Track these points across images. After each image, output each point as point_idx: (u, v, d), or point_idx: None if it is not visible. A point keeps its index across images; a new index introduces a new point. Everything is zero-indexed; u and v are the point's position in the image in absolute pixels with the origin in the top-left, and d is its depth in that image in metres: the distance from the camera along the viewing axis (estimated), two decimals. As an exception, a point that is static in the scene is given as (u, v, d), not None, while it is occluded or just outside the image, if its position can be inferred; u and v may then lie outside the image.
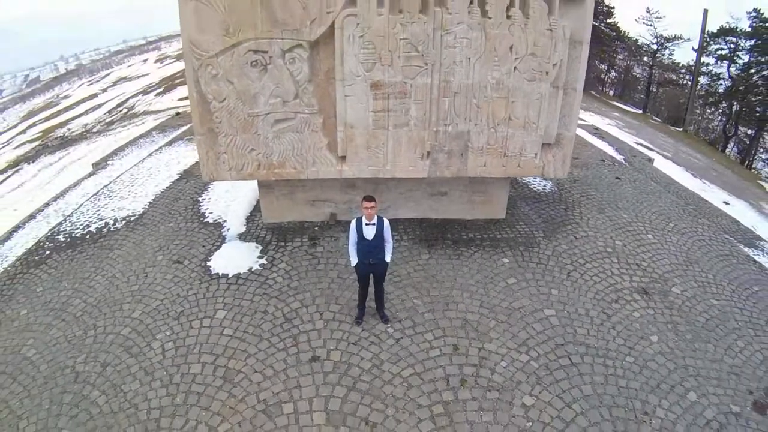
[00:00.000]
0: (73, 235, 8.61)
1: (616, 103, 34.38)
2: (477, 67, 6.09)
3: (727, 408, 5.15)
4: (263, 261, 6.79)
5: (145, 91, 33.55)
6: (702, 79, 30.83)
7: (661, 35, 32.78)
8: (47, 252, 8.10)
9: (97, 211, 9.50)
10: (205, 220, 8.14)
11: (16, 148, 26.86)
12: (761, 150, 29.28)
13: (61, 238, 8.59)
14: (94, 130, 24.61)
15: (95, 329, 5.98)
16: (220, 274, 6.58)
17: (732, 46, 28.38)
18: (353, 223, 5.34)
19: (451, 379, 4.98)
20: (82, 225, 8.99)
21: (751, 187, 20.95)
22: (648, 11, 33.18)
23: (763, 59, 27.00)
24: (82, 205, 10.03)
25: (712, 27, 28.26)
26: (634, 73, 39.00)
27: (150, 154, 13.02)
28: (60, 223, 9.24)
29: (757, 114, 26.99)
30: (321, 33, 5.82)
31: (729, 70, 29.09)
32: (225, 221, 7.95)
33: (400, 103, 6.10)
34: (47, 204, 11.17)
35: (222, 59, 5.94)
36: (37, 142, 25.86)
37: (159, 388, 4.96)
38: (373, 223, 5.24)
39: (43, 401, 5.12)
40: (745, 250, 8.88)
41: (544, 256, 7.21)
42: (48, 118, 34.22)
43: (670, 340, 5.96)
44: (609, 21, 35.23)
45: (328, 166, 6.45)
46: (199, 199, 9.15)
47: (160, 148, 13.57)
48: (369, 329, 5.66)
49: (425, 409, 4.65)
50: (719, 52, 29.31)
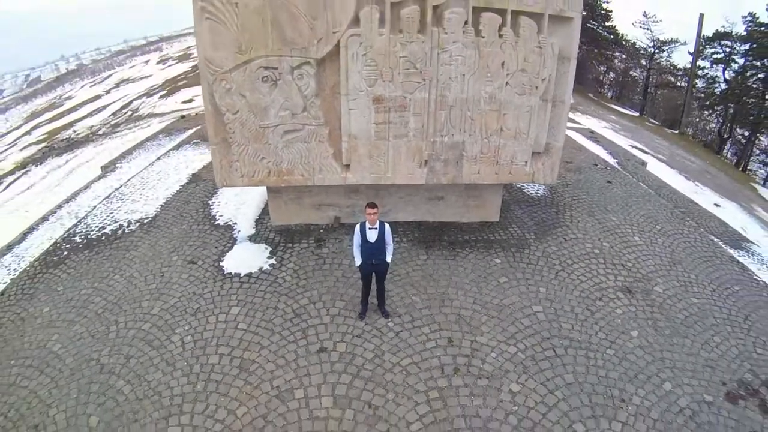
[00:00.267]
0: (89, 236, 9.01)
1: (614, 106, 34.76)
2: (471, 83, 6.59)
3: (701, 397, 5.60)
4: (273, 261, 7.29)
5: (148, 93, 33.87)
6: (699, 82, 31.22)
7: (658, 39, 33.23)
8: (65, 253, 8.50)
9: (111, 213, 9.91)
10: (216, 223, 8.63)
11: (22, 150, 27.12)
12: (758, 152, 29.66)
13: (77, 239, 8.98)
14: (100, 133, 24.94)
15: (117, 325, 6.43)
16: (233, 274, 7.09)
17: (727, 50, 28.71)
18: (357, 227, 5.83)
19: (446, 368, 5.49)
20: (97, 227, 9.40)
21: (743, 190, 21.31)
22: (645, 15, 33.67)
23: (757, 63, 27.34)
24: (95, 207, 10.43)
25: (709, 31, 28.63)
26: (633, 74, 39.36)
27: (158, 158, 13.42)
28: (75, 225, 9.62)
29: (751, 117, 27.40)
30: (327, 51, 6.32)
31: (724, 74, 29.46)
32: (235, 224, 8.43)
33: (400, 115, 6.61)
34: (59, 206, 11.58)
35: (235, 75, 6.43)
36: (43, 144, 26.13)
37: (180, 377, 5.45)
38: (376, 228, 5.74)
39: (71, 391, 5.56)
40: (730, 251, 9.26)
41: (534, 257, 7.69)
42: (52, 120, 34.47)
43: (649, 335, 6.41)
44: (607, 24, 35.71)
45: (334, 174, 6.96)
46: (209, 202, 9.61)
47: (168, 152, 13.95)
48: (371, 323, 6.16)
49: (422, 394, 5.16)
50: (715, 56, 29.66)
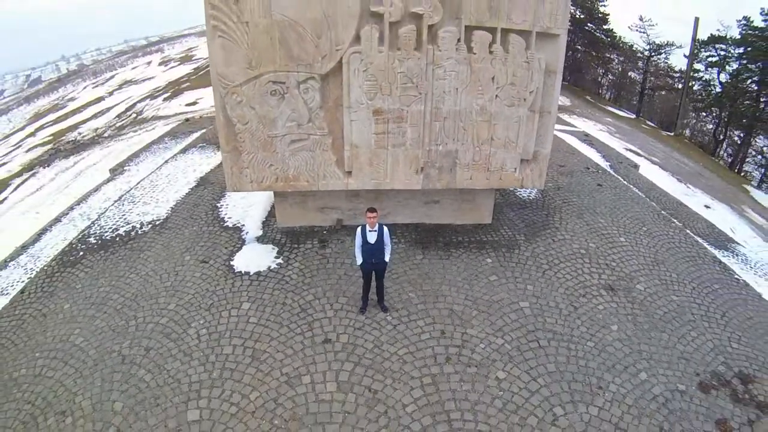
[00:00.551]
0: (103, 237, 9.48)
1: (610, 108, 35.16)
2: (463, 96, 7.12)
3: (674, 386, 6.08)
4: (280, 260, 7.83)
5: (152, 96, 34.31)
6: (695, 85, 31.67)
7: (654, 42, 33.67)
8: (81, 253, 8.98)
9: (123, 215, 10.40)
10: (225, 225, 9.15)
11: (27, 152, 27.54)
12: (754, 152, 30.03)
13: (92, 240, 9.46)
14: (106, 135, 25.37)
15: (136, 319, 6.94)
16: (243, 272, 7.62)
17: (722, 54, 29.11)
18: (359, 229, 6.37)
19: (438, 357, 6.04)
20: (110, 228, 9.88)
21: (736, 192, 21.64)
22: (641, 19, 34.13)
23: (752, 66, 27.74)
24: (107, 209, 10.91)
25: (705, 34, 29.04)
26: (631, 75, 39.71)
27: (166, 161, 13.90)
28: (89, 227, 10.07)
29: (744, 120, 27.84)
30: (331, 67, 6.86)
31: (719, 77, 29.88)
32: (243, 225, 8.96)
33: (398, 126, 7.16)
34: (71, 208, 12.07)
35: (245, 88, 6.96)
36: (49, 146, 26.52)
37: (197, 366, 5.98)
38: (375, 230, 6.28)
39: (95, 380, 6.06)
40: (714, 251, 9.69)
41: (523, 257, 8.21)
42: (56, 121, 34.87)
43: (628, 329, 6.91)
44: (604, 27, 36.22)
45: (337, 180, 7.51)
46: (218, 205, 10.12)
47: (175, 155, 14.43)
48: (371, 317, 6.71)
49: (417, 380, 5.71)
50: (710, 59, 30.08)
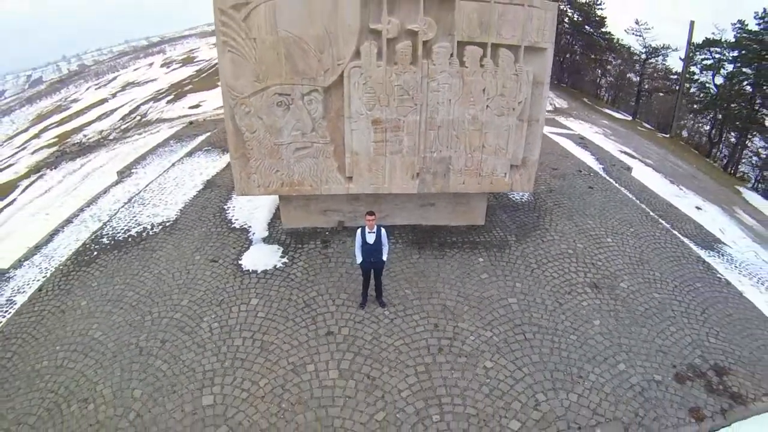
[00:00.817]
0: (116, 238, 9.96)
1: (607, 110, 35.54)
2: (456, 106, 7.64)
3: (651, 377, 6.54)
4: (285, 260, 8.36)
5: (155, 98, 34.75)
6: (692, 88, 32.08)
7: (650, 45, 34.13)
8: (95, 253, 9.46)
9: (134, 217, 10.88)
10: (233, 226, 9.66)
11: (33, 154, 27.95)
12: (750, 154, 30.36)
13: (105, 240, 9.93)
14: (111, 137, 25.82)
15: (151, 314, 7.44)
16: (251, 270, 8.15)
17: (717, 57, 29.47)
18: (358, 231, 6.89)
19: (431, 347, 6.57)
20: (122, 229, 10.36)
21: (728, 193, 21.99)
22: (637, 23, 34.58)
23: (745, 69, 28.09)
24: (118, 211, 11.39)
25: (701, 36, 29.39)
26: (629, 77, 40.07)
27: (173, 165, 14.37)
28: (101, 228, 10.54)
29: (738, 123, 28.26)
30: (332, 80, 7.37)
31: (714, 80, 30.28)
32: (250, 227, 9.48)
33: (395, 135, 7.67)
34: (81, 210, 12.52)
35: (253, 100, 7.48)
36: (55, 148, 26.93)
37: (210, 356, 6.50)
38: (374, 232, 6.80)
39: (115, 370, 6.55)
40: (698, 251, 10.08)
41: (513, 256, 8.72)
42: (60, 123, 35.27)
43: (610, 324, 7.39)
44: (601, 30, 36.64)
45: (338, 184, 8.03)
46: (225, 207, 10.62)
47: (182, 158, 14.89)
48: (370, 312, 7.24)
49: (411, 368, 6.25)
50: (705, 62, 30.47)
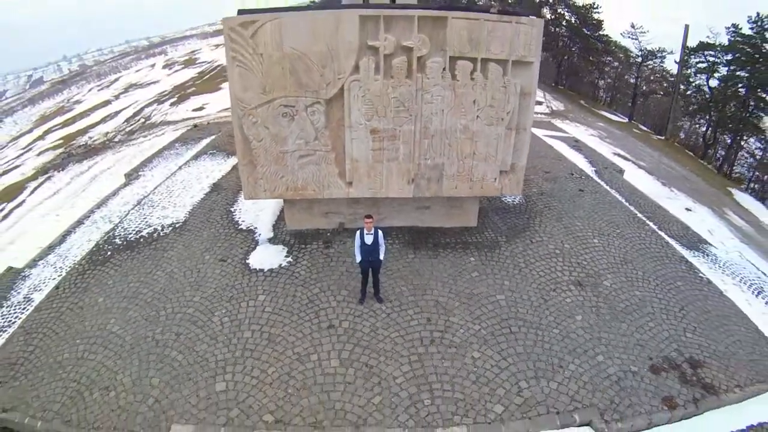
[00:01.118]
0: (128, 238, 10.49)
1: (604, 113, 35.88)
2: (448, 117, 8.21)
3: (627, 368, 7.06)
4: (290, 259, 8.95)
5: (159, 101, 35.23)
6: (688, 90, 32.51)
7: (645, 48, 34.61)
8: (108, 253, 10.00)
9: (144, 218, 11.42)
10: (240, 227, 10.24)
11: (39, 155, 28.42)
12: (746, 155, 30.75)
13: (117, 241, 10.47)
14: (116, 140, 26.30)
15: (165, 310, 8.01)
16: (257, 269, 8.74)
17: (711, 60, 29.85)
18: (357, 232, 7.48)
19: (424, 339, 7.18)
20: (134, 230, 10.91)
21: (719, 194, 22.39)
22: (632, 26, 35.07)
23: (739, 73, 28.48)
24: (129, 213, 11.92)
25: (696, 39, 29.75)
26: (627, 78, 40.43)
27: (180, 168, 14.89)
28: (113, 229, 11.07)
29: (730, 126, 28.71)
30: (334, 93, 7.95)
31: (708, 83, 30.69)
32: (256, 228, 10.06)
33: (392, 143, 8.26)
34: (92, 211, 13.04)
35: (260, 111, 8.05)
36: (60, 150, 27.38)
37: (222, 348, 7.09)
38: (372, 233, 7.39)
39: (133, 361, 7.12)
40: (682, 252, 10.50)
41: (503, 256, 9.28)
42: (64, 125, 35.73)
43: (591, 319, 7.92)
44: (598, 34, 37.12)
45: (339, 189, 8.62)
46: (231, 209, 11.18)
47: (188, 162, 15.39)
48: (369, 307, 7.84)
49: (405, 358, 6.86)
50: (699, 65, 30.89)
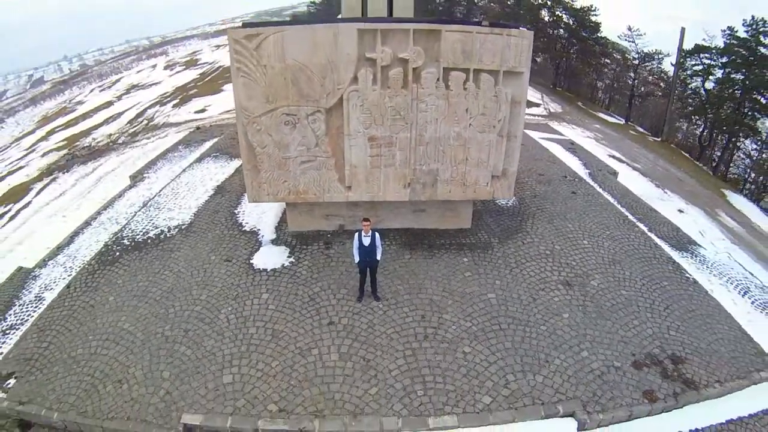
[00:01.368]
0: (136, 239, 10.87)
1: (601, 114, 36.23)
2: (442, 125, 8.64)
3: (610, 363, 7.43)
4: (292, 259, 9.39)
5: (161, 102, 35.60)
6: (685, 92, 32.85)
7: (642, 51, 34.99)
8: (117, 253, 10.37)
9: (151, 220, 11.81)
10: (243, 229, 10.66)
11: (43, 156, 28.74)
12: (742, 156, 31.06)
13: (125, 242, 10.83)
14: (120, 141, 26.67)
15: (174, 308, 8.41)
16: (261, 269, 9.17)
17: (707, 63, 30.17)
18: (356, 234, 7.92)
19: (418, 335, 7.62)
20: (141, 231, 11.29)
21: (713, 196, 22.67)
22: (629, 29, 35.45)
23: (734, 76, 28.81)
24: (135, 214, 12.28)
25: (694, 37, 30.02)
26: (626, 80, 40.72)
27: (184, 170, 15.24)
28: (121, 230, 11.43)
29: (724, 128, 29.08)
30: (333, 102, 8.39)
31: (704, 85, 31.03)
32: (259, 230, 10.49)
33: (389, 150, 8.70)
34: (98, 213, 13.40)
35: (264, 119, 8.48)
36: (64, 151, 27.68)
37: (228, 343, 7.52)
38: (369, 235, 7.82)
39: (144, 356, 7.51)
40: (670, 252, 10.83)
41: (495, 257, 9.70)
42: (67, 126, 36.08)
43: (577, 317, 8.30)
44: (595, 36, 37.51)
45: (339, 193, 9.07)
46: (235, 211, 11.59)
47: (192, 164, 15.74)
48: (366, 304, 8.28)
49: (400, 352, 7.31)
50: (695, 68, 31.24)
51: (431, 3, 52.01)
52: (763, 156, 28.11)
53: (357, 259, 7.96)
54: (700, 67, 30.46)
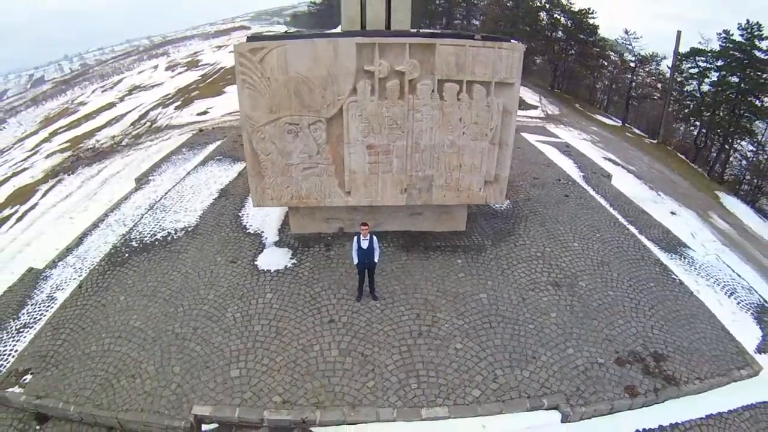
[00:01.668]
0: (144, 241, 11.25)
1: (598, 116, 36.51)
2: (437, 133, 9.09)
3: (594, 360, 7.82)
4: (294, 261, 9.86)
5: (163, 104, 35.91)
6: (682, 94, 33.15)
7: (638, 54, 35.35)
8: (126, 255, 10.74)
9: (158, 222, 12.19)
10: (248, 231, 11.11)
11: (47, 158, 29.05)
12: (739, 157, 31.33)
13: (134, 243, 11.21)
14: (124, 144, 27.01)
15: (183, 307, 8.84)
16: (265, 270, 9.63)
17: (702, 66, 30.44)
18: (355, 237, 8.38)
19: (413, 332, 8.09)
20: (149, 233, 11.67)
21: (706, 198, 22.93)
22: (626, 32, 35.83)
23: (730, 79, 29.11)
24: (142, 217, 12.64)
25: (693, 39, 30.28)
26: (624, 78, 40.96)
27: (188, 173, 15.62)
28: (129, 232, 11.79)
29: (719, 131, 29.42)
30: (334, 113, 8.83)
31: (699, 88, 31.35)
32: (263, 232, 10.95)
33: (386, 157, 9.16)
34: (105, 215, 13.72)
35: (268, 128, 8.93)
36: (68, 153, 27.97)
37: (235, 339, 7.97)
38: (367, 238, 8.28)
39: (156, 352, 7.91)
40: (659, 254, 11.16)
41: (488, 258, 10.14)
42: (69, 127, 36.33)
43: (565, 316, 8.69)
44: (592, 39, 37.88)
45: (339, 198, 9.54)
46: (239, 214, 12.02)
47: (196, 167, 16.10)
48: (365, 304, 8.74)
49: (396, 348, 7.77)
50: (690, 71, 31.57)
51: (431, 3, 52.52)
52: (759, 158, 28.36)
53: (356, 261, 8.40)
54: (696, 70, 30.85)
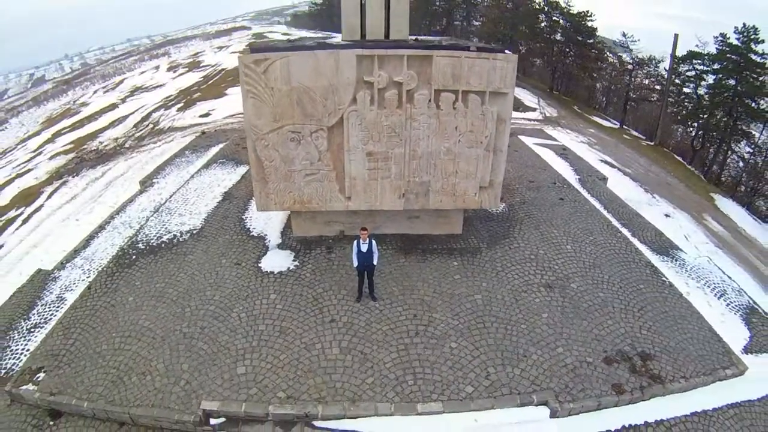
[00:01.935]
0: (150, 243, 11.57)
1: (596, 119, 36.74)
2: (434, 141, 9.46)
3: (583, 358, 8.14)
4: (296, 263, 10.24)
5: (165, 105, 36.16)
6: (679, 96, 33.42)
7: (636, 56, 35.64)
8: (133, 257, 11.05)
9: (164, 225, 12.50)
10: (251, 234, 11.48)
11: (51, 159, 29.32)
12: (736, 158, 31.58)
13: (141, 246, 11.51)
14: (127, 145, 27.33)
15: (190, 307, 9.18)
16: (269, 272, 10.00)
17: (699, 69, 30.69)
18: (354, 241, 8.76)
19: (410, 331, 8.46)
20: (155, 236, 11.97)
21: (701, 200, 23.09)
22: (624, 35, 36.11)
23: (726, 81, 29.40)
24: (148, 219, 12.94)
25: (692, 39, 30.50)
26: (622, 79, 41.14)
27: (192, 176, 15.88)
28: (135, 234, 12.09)
29: (714, 134, 29.74)
30: (335, 121, 9.20)
31: (696, 91, 31.62)
32: (266, 235, 11.32)
33: (385, 164, 9.54)
34: (111, 217, 14.03)
35: (271, 136, 9.30)
36: (72, 154, 28.23)
37: (241, 338, 8.35)
38: (366, 242, 8.65)
39: (165, 350, 8.25)
40: (650, 257, 11.44)
41: (483, 261, 10.50)
42: (73, 128, 36.58)
43: (556, 317, 9.01)
44: (590, 41, 38.19)
45: (340, 202, 9.93)
46: (243, 217, 12.37)
47: (199, 170, 16.37)
48: (364, 304, 9.11)
49: (394, 346, 8.15)
50: (687, 73, 31.84)
51: (432, 5, 52.94)
52: (756, 160, 28.64)
53: (356, 263, 8.76)
54: (693, 72, 31.10)
